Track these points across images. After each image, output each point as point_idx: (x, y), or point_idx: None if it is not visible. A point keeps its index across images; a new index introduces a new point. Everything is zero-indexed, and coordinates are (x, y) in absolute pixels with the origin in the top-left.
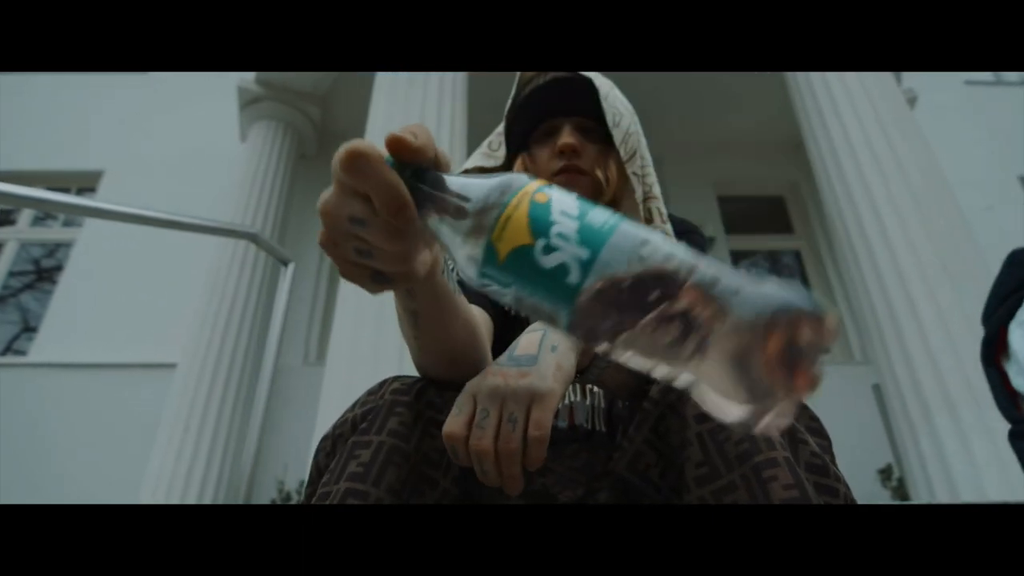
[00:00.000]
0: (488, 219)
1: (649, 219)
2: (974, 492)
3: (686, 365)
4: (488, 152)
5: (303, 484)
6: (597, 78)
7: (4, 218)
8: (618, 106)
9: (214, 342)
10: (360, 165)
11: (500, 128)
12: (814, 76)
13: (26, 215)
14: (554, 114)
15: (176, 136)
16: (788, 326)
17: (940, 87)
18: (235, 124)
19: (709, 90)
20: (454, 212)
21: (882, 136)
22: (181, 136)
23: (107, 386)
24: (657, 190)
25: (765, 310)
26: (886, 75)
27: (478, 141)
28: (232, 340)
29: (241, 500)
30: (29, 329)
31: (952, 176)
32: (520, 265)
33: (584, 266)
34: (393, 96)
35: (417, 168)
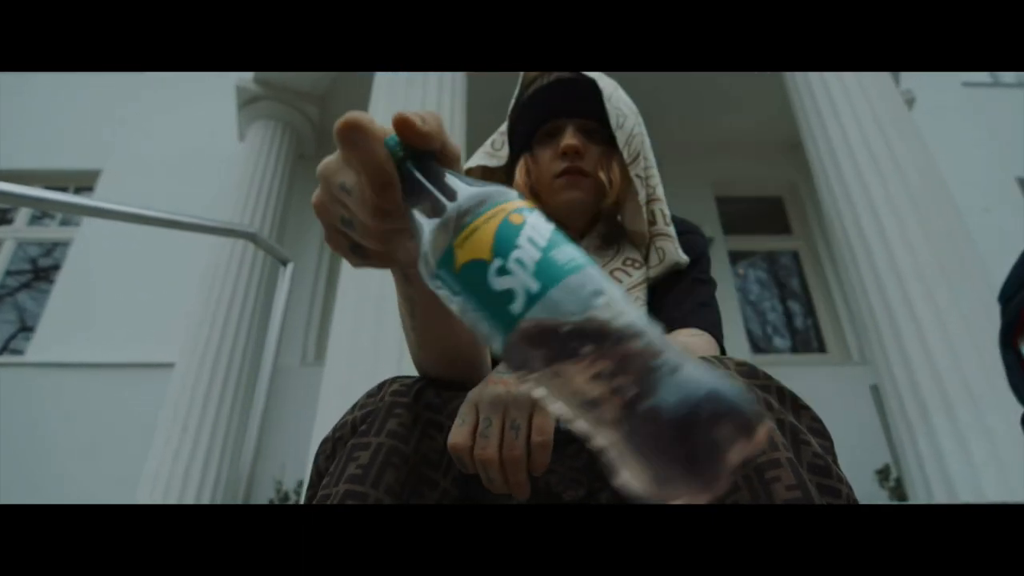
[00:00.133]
0: (458, 224)
1: (652, 221)
2: (972, 492)
3: (603, 428)
4: (491, 151)
5: (301, 484)
6: (601, 79)
7: (1, 217)
8: (622, 107)
9: (212, 342)
10: (354, 137)
11: (503, 127)
12: (813, 76)
13: (23, 214)
14: (557, 115)
15: (174, 135)
16: (710, 420)
17: (938, 88)
18: (234, 124)
19: (708, 90)
20: (433, 205)
21: (880, 137)
22: (179, 135)
23: (105, 386)
24: (661, 192)
25: (692, 396)
26: (884, 76)
27: (478, 141)
28: (231, 340)
29: (239, 500)
30: (26, 329)
31: (950, 177)
32: (472, 279)
33: (530, 299)
34: (392, 96)
35: (419, 153)
